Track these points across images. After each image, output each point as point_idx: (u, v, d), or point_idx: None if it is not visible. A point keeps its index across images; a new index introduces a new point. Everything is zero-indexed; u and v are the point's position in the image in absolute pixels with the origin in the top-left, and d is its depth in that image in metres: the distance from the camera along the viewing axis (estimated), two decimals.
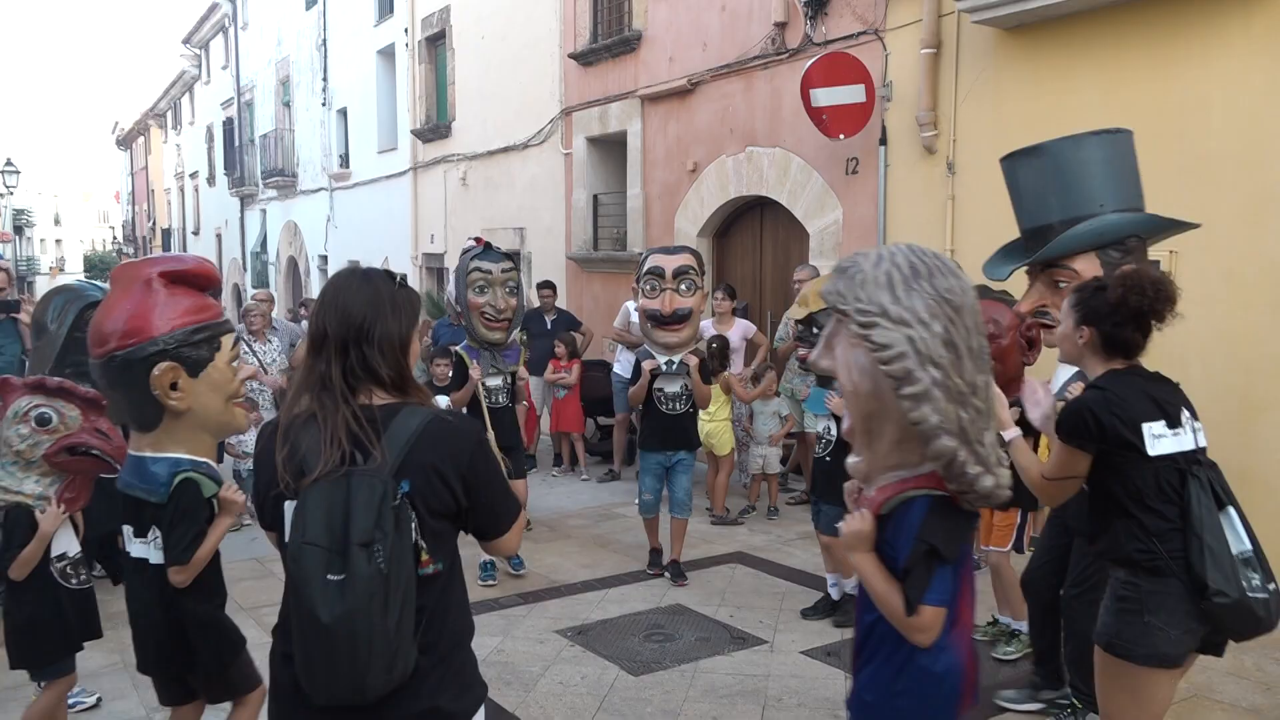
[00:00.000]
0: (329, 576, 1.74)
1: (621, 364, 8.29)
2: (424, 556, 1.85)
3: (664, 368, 5.45)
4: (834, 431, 4.76)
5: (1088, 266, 3.55)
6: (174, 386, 2.65)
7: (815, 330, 4.88)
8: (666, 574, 5.64)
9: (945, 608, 1.88)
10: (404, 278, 2.05)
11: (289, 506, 1.86)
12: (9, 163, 25.87)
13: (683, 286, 5.41)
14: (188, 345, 2.66)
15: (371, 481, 1.79)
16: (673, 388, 5.49)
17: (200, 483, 2.73)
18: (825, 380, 4.99)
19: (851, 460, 2.04)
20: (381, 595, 1.74)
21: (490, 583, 5.68)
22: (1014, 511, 4.36)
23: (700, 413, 5.87)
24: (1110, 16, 5.93)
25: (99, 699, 4.11)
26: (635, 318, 8.23)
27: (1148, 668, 2.55)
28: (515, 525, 2.07)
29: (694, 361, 5.46)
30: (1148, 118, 5.64)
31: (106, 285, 4.86)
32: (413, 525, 1.82)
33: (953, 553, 1.87)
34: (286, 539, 1.84)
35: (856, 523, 1.96)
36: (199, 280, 2.77)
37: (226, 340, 2.76)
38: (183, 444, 2.73)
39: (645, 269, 5.50)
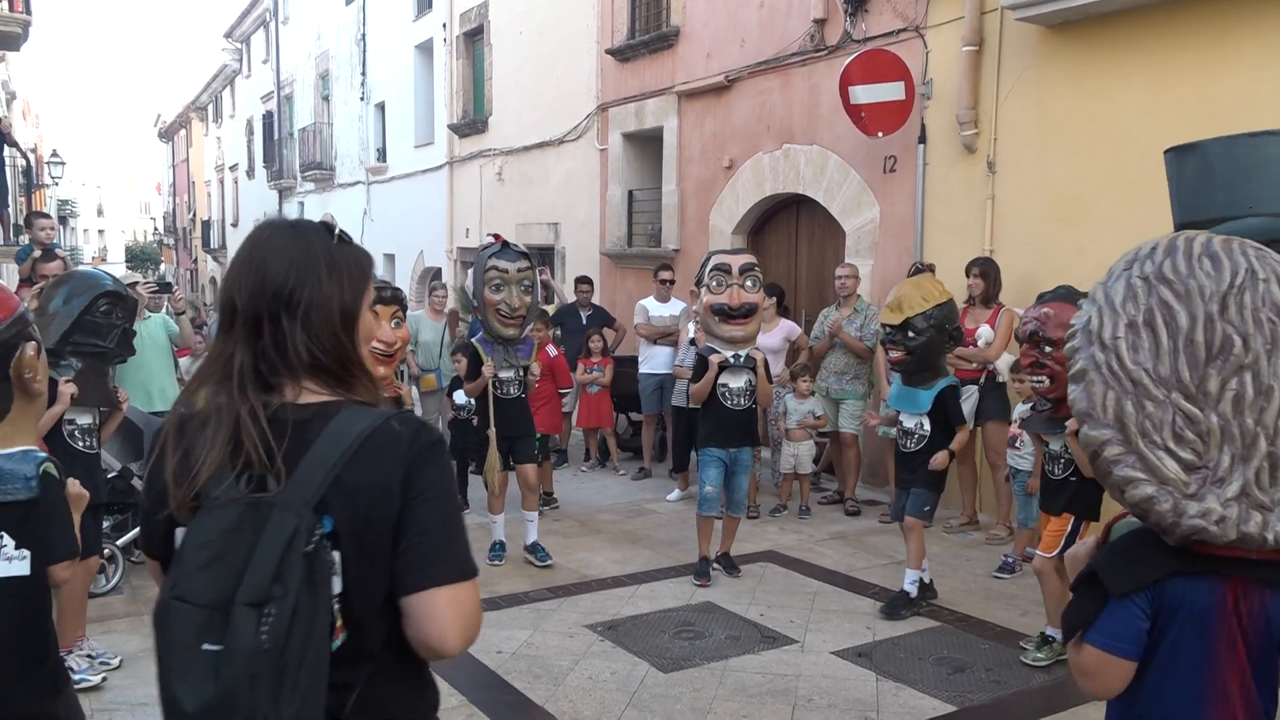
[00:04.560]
0: (204, 646, 1.28)
1: (649, 363, 8.28)
2: (336, 623, 1.37)
3: (731, 360, 5.44)
4: (926, 427, 4.91)
5: None
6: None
7: (911, 335, 4.82)
8: (719, 566, 5.67)
9: (1120, 657, 1.55)
10: (343, 233, 1.57)
11: (181, 535, 1.42)
12: (55, 154, 26.31)
13: (748, 282, 5.43)
14: (28, 326, 2.35)
15: (281, 515, 1.33)
16: (737, 383, 5.46)
17: (57, 474, 2.38)
18: (910, 377, 4.96)
19: None
20: (271, 677, 1.26)
21: (497, 563, 5.81)
22: (1066, 518, 4.17)
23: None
24: (1156, 14, 5.83)
25: (104, 677, 4.07)
26: (653, 313, 8.27)
27: None
28: (462, 591, 1.42)
29: (760, 357, 5.46)
30: (1194, 117, 5.55)
31: (111, 274, 4.87)
32: (333, 576, 1.36)
33: (1119, 585, 1.55)
34: None
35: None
36: None
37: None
38: (30, 435, 2.39)
39: (710, 266, 5.51)
